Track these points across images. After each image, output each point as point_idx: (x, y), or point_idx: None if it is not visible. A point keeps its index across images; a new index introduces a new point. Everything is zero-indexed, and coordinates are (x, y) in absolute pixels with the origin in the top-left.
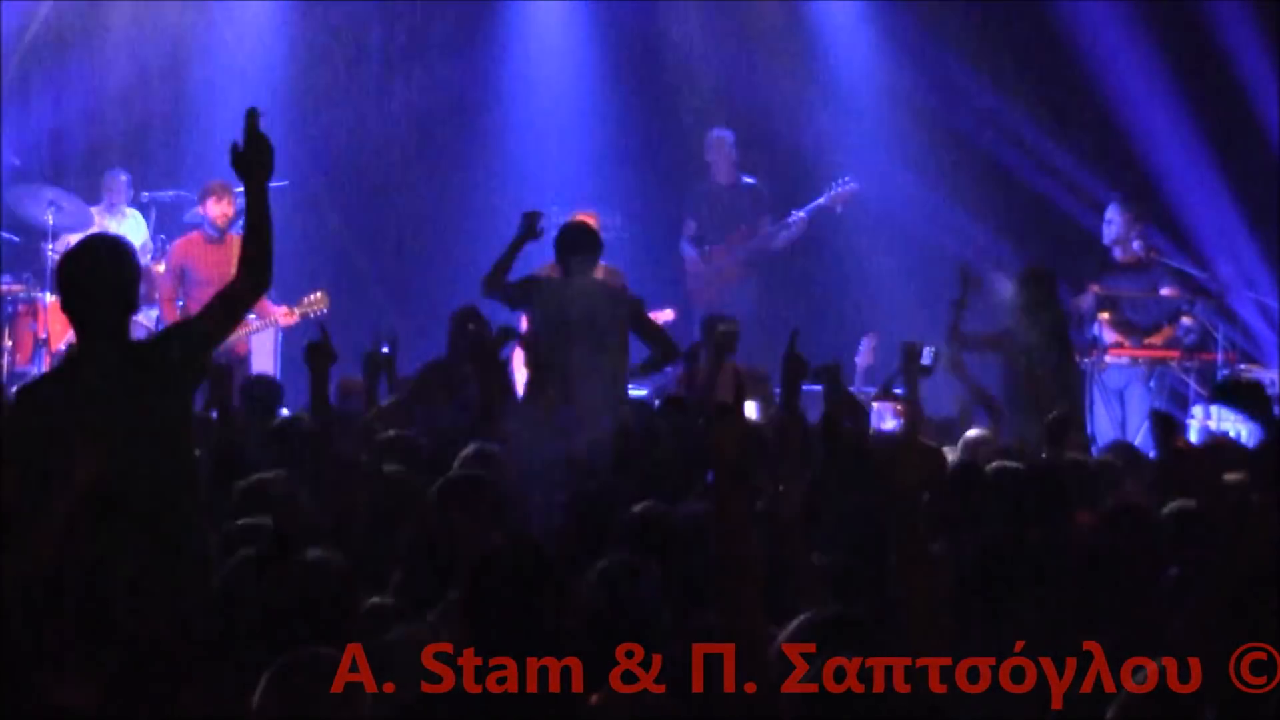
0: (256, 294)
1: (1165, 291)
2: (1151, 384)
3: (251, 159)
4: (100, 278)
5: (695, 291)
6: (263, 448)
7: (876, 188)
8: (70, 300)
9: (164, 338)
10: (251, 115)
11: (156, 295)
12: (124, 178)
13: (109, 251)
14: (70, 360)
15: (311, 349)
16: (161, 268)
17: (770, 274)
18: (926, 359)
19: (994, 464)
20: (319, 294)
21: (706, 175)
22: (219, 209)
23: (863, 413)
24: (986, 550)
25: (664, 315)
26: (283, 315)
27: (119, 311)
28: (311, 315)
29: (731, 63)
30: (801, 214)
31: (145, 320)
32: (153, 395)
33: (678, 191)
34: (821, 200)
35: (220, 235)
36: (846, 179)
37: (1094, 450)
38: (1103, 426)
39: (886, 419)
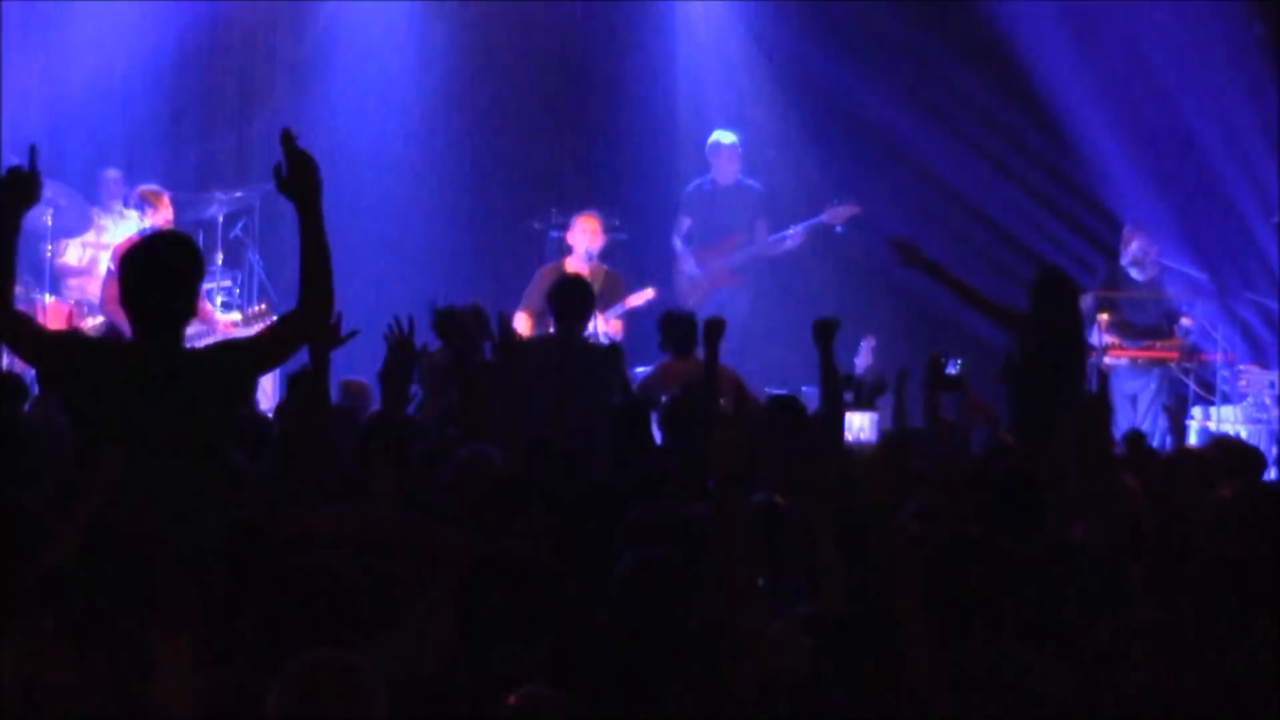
0: (320, 319)
1: (1169, 294)
2: (1152, 385)
3: (297, 180)
4: (164, 274)
5: (684, 293)
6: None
7: (876, 190)
8: (129, 293)
9: (219, 352)
10: (286, 136)
11: (101, 298)
12: (117, 175)
13: (176, 249)
14: (118, 356)
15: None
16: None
17: (766, 277)
18: (952, 370)
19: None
20: (264, 305)
21: (706, 173)
22: (163, 215)
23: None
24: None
25: (645, 295)
26: (224, 325)
27: (176, 312)
28: (257, 326)
29: (734, 63)
30: (796, 230)
31: (93, 323)
32: (194, 406)
33: (676, 192)
34: (821, 218)
35: None
36: (846, 199)
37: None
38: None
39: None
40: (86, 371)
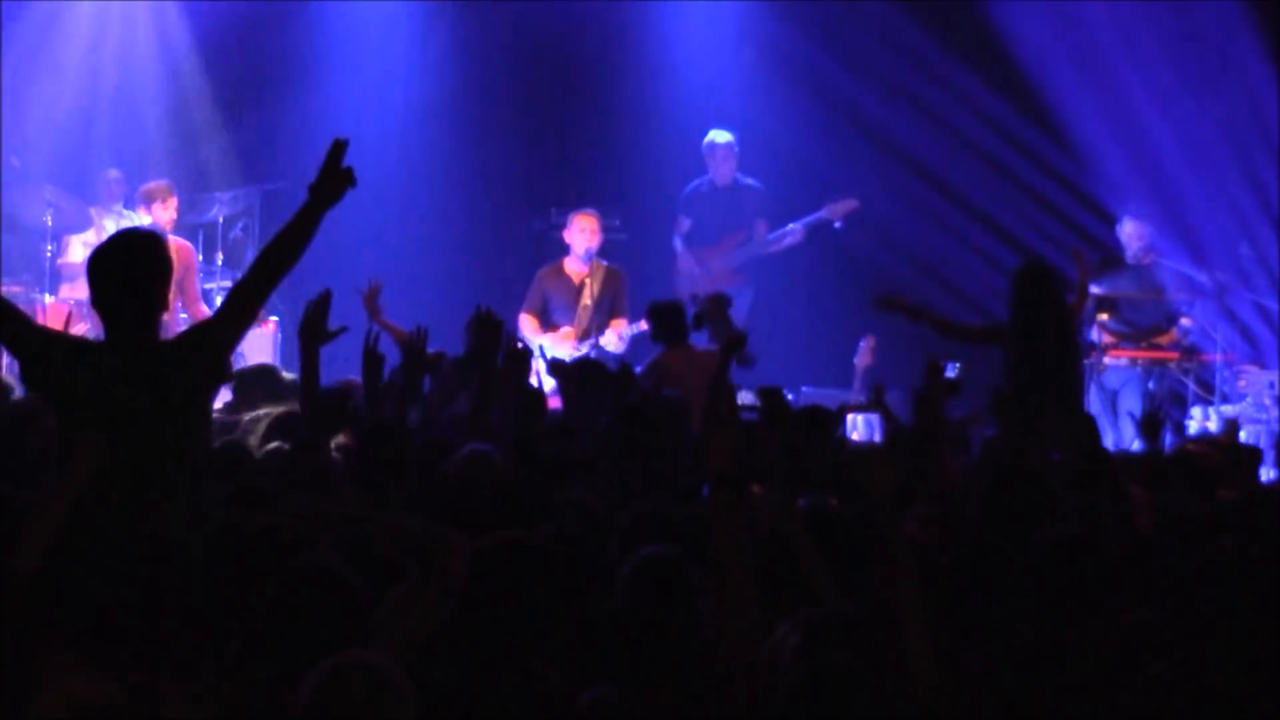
0: (265, 296)
1: (1168, 293)
2: (1150, 385)
3: (325, 186)
4: (129, 273)
5: (685, 294)
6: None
7: (875, 188)
8: (99, 294)
9: (187, 340)
10: (337, 146)
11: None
12: (117, 176)
13: (140, 247)
14: (95, 355)
15: (306, 324)
16: None
17: (766, 276)
18: (951, 373)
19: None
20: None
21: (704, 174)
22: (167, 214)
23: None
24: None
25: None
26: None
27: (147, 309)
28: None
29: (732, 63)
30: (796, 226)
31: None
32: (172, 397)
33: (676, 192)
34: (821, 213)
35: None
36: (846, 195)
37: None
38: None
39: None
40: (67, 372)
